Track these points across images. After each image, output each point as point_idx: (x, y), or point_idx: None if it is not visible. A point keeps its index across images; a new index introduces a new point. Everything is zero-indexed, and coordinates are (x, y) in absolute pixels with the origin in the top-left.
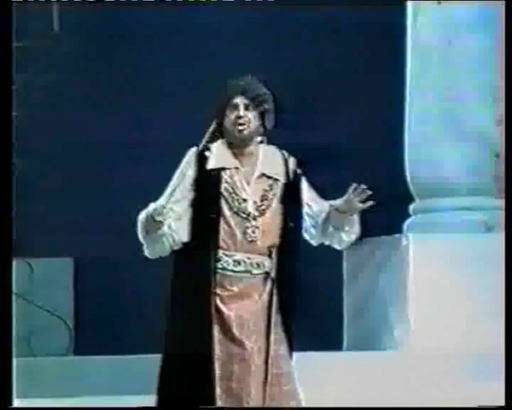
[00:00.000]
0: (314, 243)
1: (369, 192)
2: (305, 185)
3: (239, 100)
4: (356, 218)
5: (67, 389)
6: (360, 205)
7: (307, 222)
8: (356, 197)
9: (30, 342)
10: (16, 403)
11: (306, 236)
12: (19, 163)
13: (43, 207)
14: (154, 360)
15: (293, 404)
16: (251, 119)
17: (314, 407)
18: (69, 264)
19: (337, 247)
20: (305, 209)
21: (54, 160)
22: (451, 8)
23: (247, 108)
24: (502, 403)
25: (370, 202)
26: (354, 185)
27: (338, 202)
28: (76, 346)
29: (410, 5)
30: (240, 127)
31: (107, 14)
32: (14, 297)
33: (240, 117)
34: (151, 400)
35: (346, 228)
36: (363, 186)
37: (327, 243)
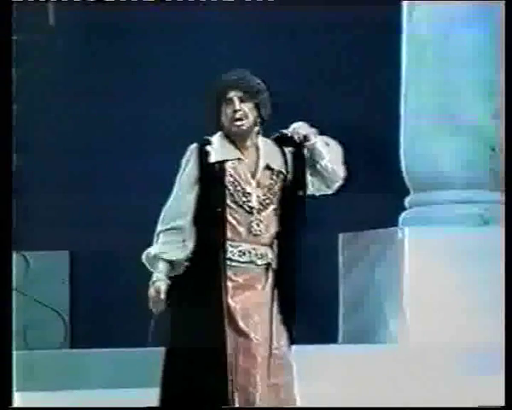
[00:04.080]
0: (330, 191)
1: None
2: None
3: (233, 94)
4: (326, 145)
5: (64, 383)
6: (304, 131)
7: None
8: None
9: (26, 336)
10: (14, 397)
11: (320, 192)
12: (15, 157)
13: (39, 201)
14: (151, 353)
15: (288, 395)
16: (247, 112)
17: (314, 407)
18: (65, 257)
19: (337, 176)
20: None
21: (50, 154)
22: (447, 1)
23: (241, 101)
24: (499, 398)
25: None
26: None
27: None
28: (72, 339)
29: (405, 0)
30: (237, 122)
31: (103, 8)
32: (14, 293)
33: (236, 111)
34: (149, 393)
35: (322, 155)
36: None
37: (332, 183)
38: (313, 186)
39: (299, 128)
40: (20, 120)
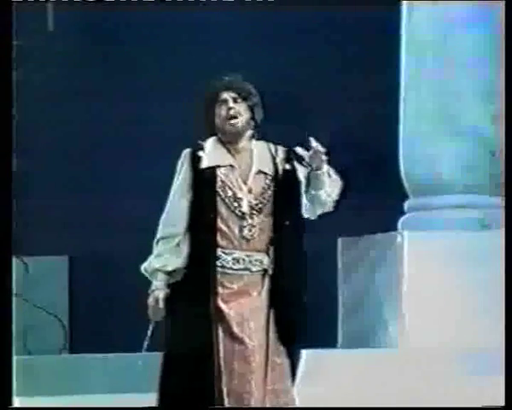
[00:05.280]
0: (313, 217)
1: (324, 150)
2: (300, 174)
3: (226, 95)
4: (328, 176)
5: (64, 388)
6: (324, 157)
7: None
8: (316, 151)
9: (25, 341)
10: (15, 402)
11: (306, 214)
12: (15, 161)
13: (39, 205)
14: (150, 358)
15: (288, 401)
16: (241, 111)
17: (314, 407)
18: (64, 262)
19: (323, 209)
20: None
21: (49, 157)
22: (447, 3)
23: (235, 101)
24: (499, 398)
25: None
26: (312, 139)
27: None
28: (71, 344)
29: (404, 1)
30: (232, 121)
31: (103, 9)
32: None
33: (230, 108)
34: (147, 397)
35: (321, 186)
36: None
37: (317, 211)
38: (304, 207)
39: (317, 152)
40: (19, 124)
